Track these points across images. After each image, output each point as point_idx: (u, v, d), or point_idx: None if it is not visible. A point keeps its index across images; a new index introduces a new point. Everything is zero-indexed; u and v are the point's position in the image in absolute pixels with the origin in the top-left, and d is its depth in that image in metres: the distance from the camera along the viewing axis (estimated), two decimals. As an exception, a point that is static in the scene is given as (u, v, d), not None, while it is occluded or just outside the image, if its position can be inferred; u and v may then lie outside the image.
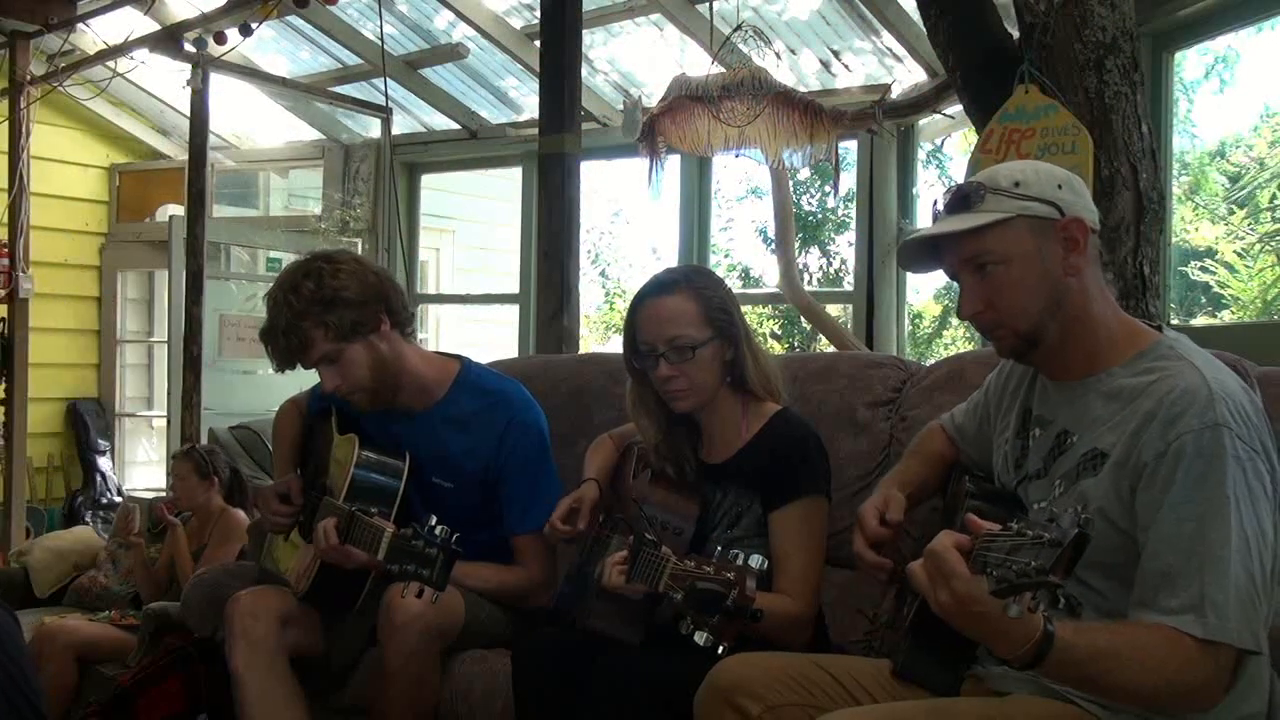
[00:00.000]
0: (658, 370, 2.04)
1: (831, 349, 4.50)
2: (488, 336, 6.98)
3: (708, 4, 4.08)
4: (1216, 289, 6.00)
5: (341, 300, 2.25)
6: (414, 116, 5.82)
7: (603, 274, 11.00)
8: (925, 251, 1.68)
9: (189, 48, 4.65)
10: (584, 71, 4.22)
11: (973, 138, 2.92)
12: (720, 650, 1.65)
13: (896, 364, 2.61)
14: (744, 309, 2.17)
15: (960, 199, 1.59)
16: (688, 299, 2.05)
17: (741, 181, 9.51)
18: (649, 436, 2.14)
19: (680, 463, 2.11)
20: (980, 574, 1.25)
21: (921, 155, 5.08)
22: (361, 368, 2.30)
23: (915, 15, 3.54)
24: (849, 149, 4.52)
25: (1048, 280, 1.57)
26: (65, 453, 6.22)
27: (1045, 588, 1.18)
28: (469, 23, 4.87)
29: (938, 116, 4.34)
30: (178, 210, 5.68)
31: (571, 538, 2.17)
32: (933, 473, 1.94)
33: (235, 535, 3.42)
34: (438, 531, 1.91)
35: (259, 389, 5.40)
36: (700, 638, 1.66)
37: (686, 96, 3.68)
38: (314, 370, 2.35)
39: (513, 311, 5.66)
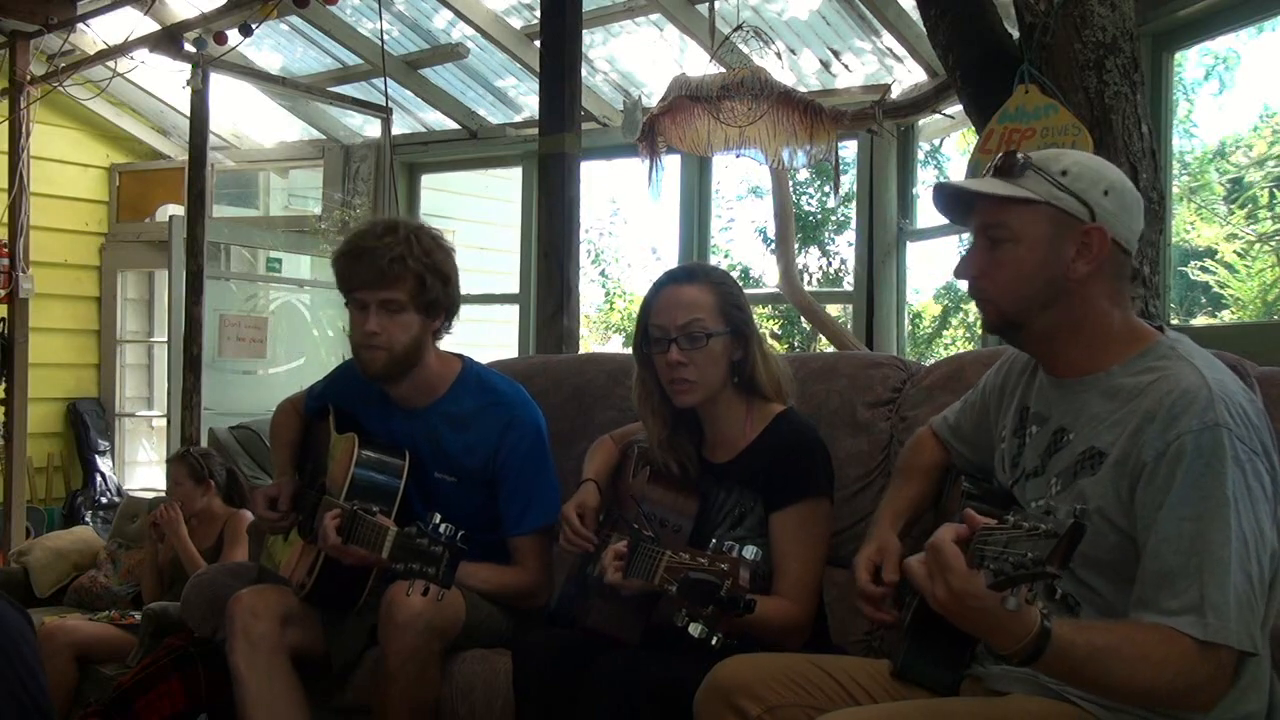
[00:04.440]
0: (668, 355, 2.03)
1: (831, 349, 4.50)
2: (488, 336, 6.96)
3: (708, 4, 4.08)
4: (1216, 289, 6.00)
5: (441, 275, 2.33)
6: (414, 116, 5.82)
7: (603, 274, 11.01)
8: (958, 203, 1.68)
9: (189, 48, 4.65)
10: (584, 71, 4.22)
11: (972, 138, 2.92)
12: (714, 642, 1.66)
13: (896, 364, 2.60)
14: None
15: (1006, 165, 1.59)
16: (706, 290, 2.06)
17: (742, 181, 9.53)
18: (653, 432, 2.14)
19: (682, 460, 2.11)
20: (977, 568, 1.26)
21: (921, 156, 5.08)
22: (404, 334, 2.32)
23: (915, 15, 3.54)
24: (849, 149, 4.53)
25: (1045, 272, 1.56)
26: (65, 453, 6.23)
27: (1041, 579, 1.18)
28: (469, 22, 4.87)
29: (938, 116, 4.34)
30: (178, 210, 5.68)
31: (585, 544, 2.16)
32: (926, 487, 1.93)
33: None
34: (442, 529, 1.91)
35: (259, 389, 5.40)
36: (695, 629, 1.66)
37: (686, 96, 3.67)
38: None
39: (513, 311, 5.66)
